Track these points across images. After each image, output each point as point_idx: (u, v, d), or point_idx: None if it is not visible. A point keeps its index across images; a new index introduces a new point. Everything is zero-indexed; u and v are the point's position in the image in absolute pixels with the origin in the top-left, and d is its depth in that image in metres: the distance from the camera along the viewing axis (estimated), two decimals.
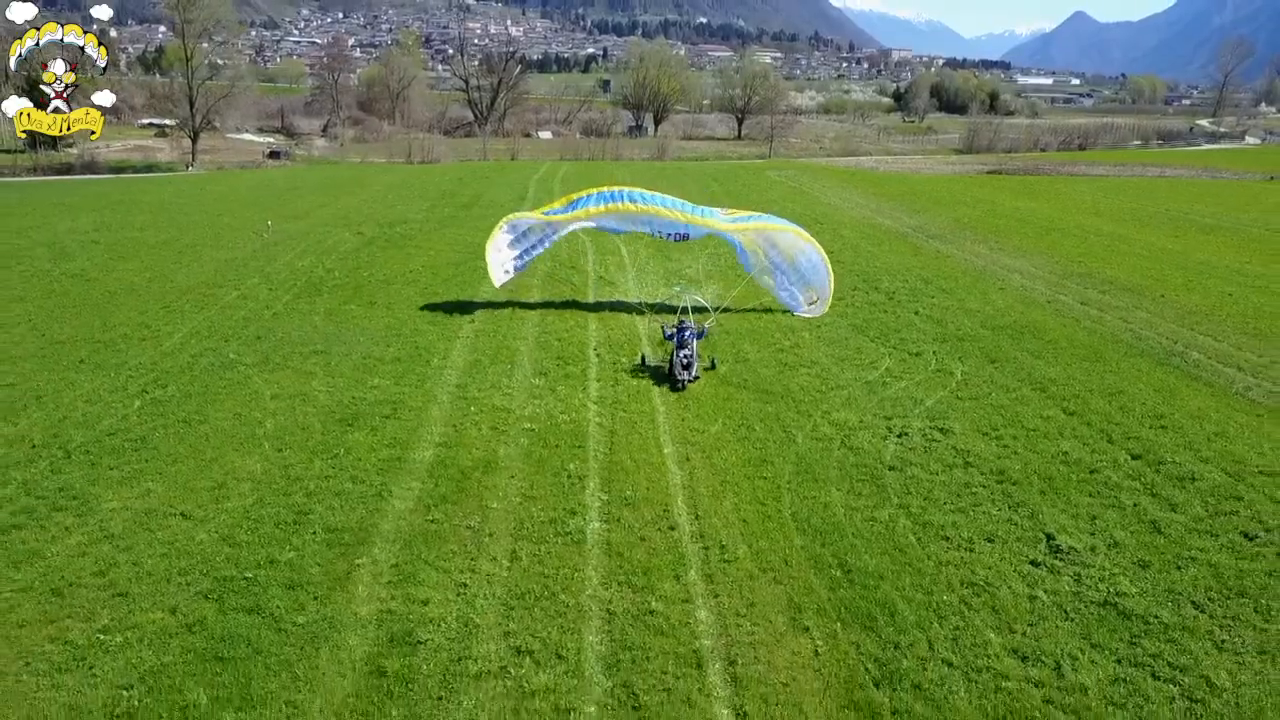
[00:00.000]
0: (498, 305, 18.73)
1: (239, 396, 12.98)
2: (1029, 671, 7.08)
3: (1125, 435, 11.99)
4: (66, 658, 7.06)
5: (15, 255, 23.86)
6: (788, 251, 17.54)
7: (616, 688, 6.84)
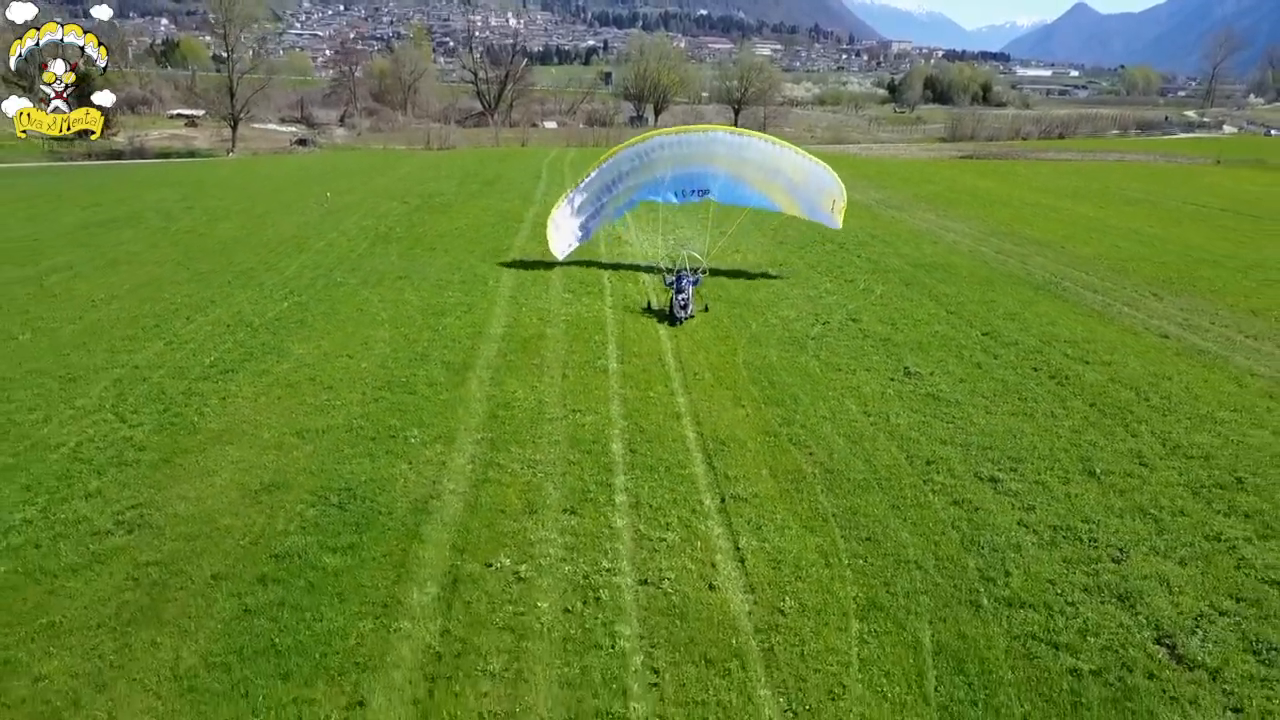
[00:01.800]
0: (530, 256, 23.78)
1: (355, 301, 18.10)
2: (869, 422, 12.14)
3: (984, 323, 17.09)
4: (312, 407, 12.17)
5: (131, 219, 29.05)
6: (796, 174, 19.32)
7: (630, 425, 11.91)
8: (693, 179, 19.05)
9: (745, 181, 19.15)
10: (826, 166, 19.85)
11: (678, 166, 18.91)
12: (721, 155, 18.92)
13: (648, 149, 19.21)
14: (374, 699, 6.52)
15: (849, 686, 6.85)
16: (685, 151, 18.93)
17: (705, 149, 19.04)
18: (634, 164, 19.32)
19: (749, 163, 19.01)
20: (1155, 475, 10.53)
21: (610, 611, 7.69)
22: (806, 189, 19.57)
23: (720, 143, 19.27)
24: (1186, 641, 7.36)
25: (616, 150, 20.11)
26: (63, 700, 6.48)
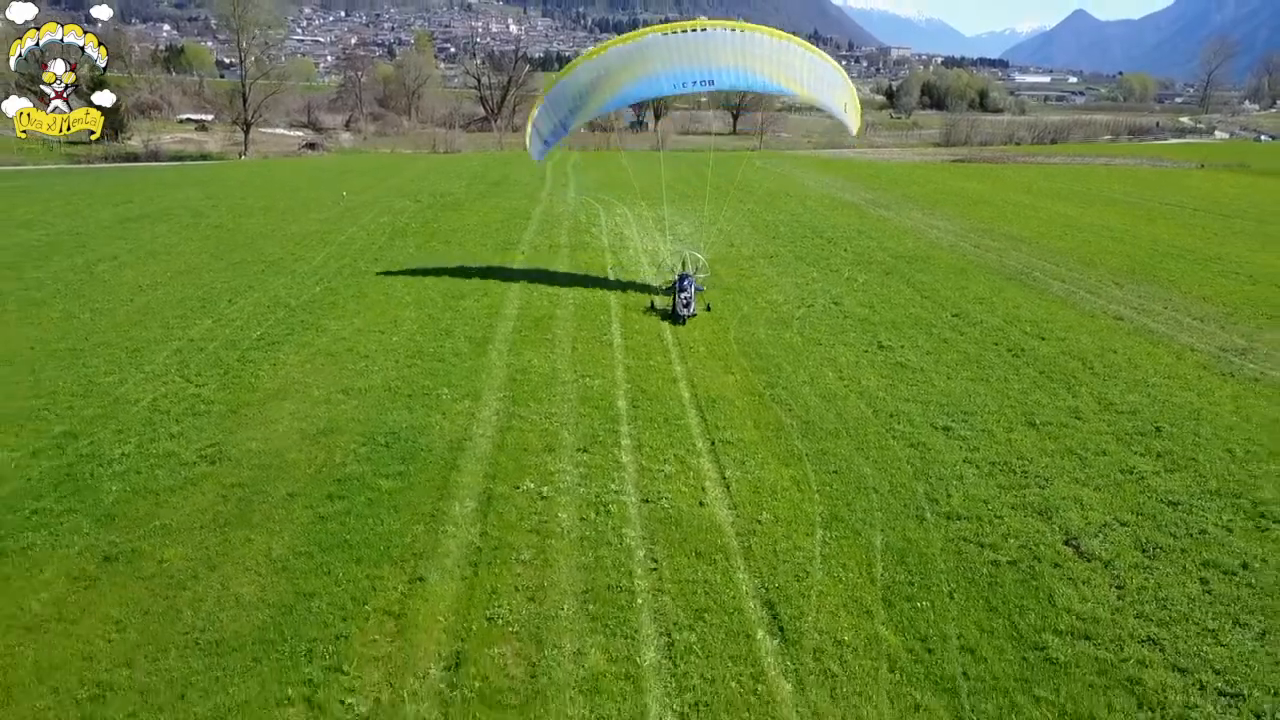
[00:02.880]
0: (539, 249, 25.46)
1: (380, 286, 19.79)
2: (843, 384, 13.79)
3: (954, 306, 18.77)
4: (353, 372, 13.83)
5: (162, 215, 30.78)
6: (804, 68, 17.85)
7: (632, 387, 13.56)
8: (694, 72, 17.18)
9: (753, 71, 17.38)
10: (832, 63, 18.19)
11: (675, 64, 17.12)
12: (725, 52, 17.22)
13: (639, 48, 17.27)
14: (430, 576, 8.18)
15: (811, 573, 8.49)
16: (682, 50, 17.18)
17: (706, 48, 17.28)
18: (624, 61, 17.28)
19: (755, 56, 17.31)
20: (1087, 425, 12.19)
21: (618, 520, 9.34)
22: (819, 85, 18.05)
23: (721, 40, 17.31)
24: (1089, 542, 9.02)
25: (597, 51, 17.85)
26: (184, 575, 8.14)
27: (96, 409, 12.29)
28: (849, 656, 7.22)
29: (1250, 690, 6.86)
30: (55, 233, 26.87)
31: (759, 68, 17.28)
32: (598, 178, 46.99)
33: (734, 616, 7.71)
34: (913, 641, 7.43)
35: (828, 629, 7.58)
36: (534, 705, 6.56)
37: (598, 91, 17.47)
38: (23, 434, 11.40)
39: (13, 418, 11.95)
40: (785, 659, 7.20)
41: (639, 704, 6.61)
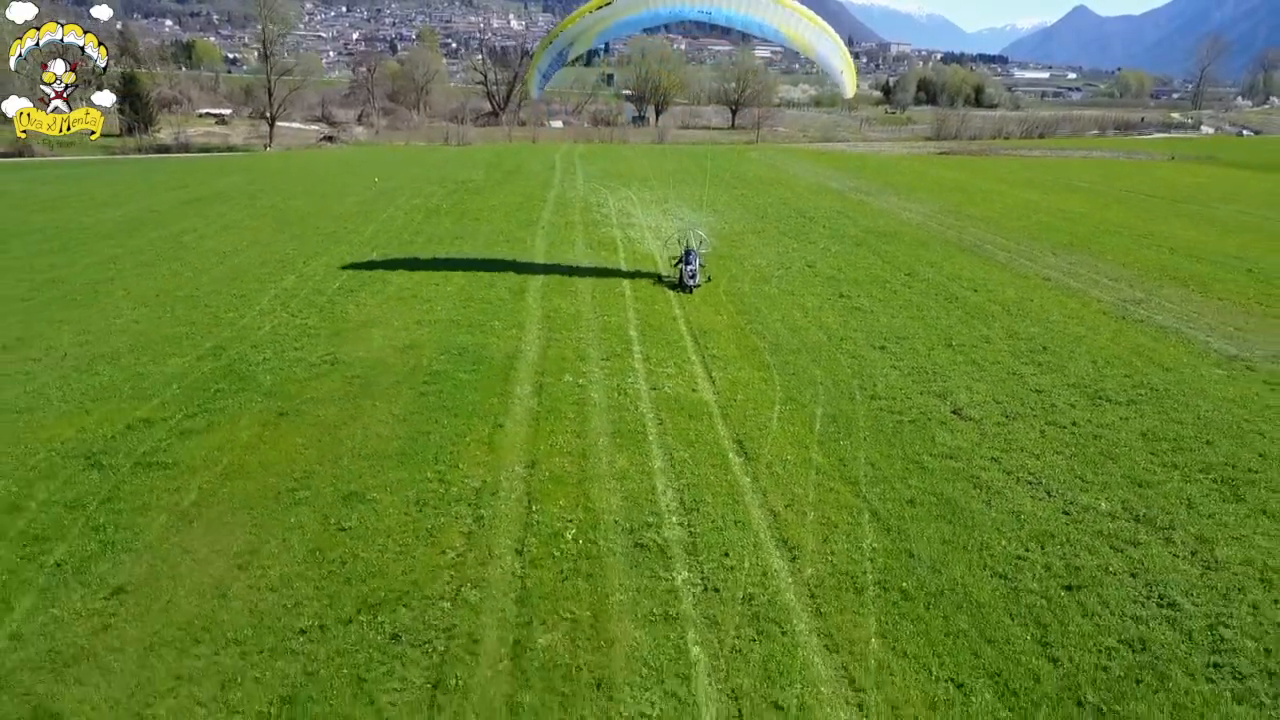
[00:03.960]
0: (556, 226, 29.11)
1: (428, 250, 23.46)
2: (807, 321, 17.45)
3: (908, 268, 22.43)
4: (420, 311, 17.50)
5: (218, 198, 34.48)
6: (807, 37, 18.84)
7: (641, 322, 17.21)
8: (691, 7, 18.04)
9: (752, 14, 18.21)
10: (824, 31, 18.97)
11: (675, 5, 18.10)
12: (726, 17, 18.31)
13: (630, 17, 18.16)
14: (507, 425, 11.85)
15: (769, 427, 12.15)
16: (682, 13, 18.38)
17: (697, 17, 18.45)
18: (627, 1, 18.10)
19: (759, 5, 18.19)
20: (991, 346, 15.87)
21: (633, 398, 13.01)
22: (818, 43, 18.99)
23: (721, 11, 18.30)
24: (968, 411, 12.69)
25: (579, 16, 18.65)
26: (337, 423, 11.82)
27: (230, 334, 15.98)
28: (789, 466, 10.89)
29: (1050, 484, 10.52)
30: (134, 211, 30.56)
31: (759, 13, 18.02)
32: (603, 167, 50.62)
33: (713, 446, 11.40)
34: (834, 460, 11.10)
35: (776, 454, 11.25)
36: (586, 485, 10.22)
37: (598, 24, 18.37)
38: (183, 350, 15.08)
39: (170, 340, 15.63)
40: (747, 467, 10.87)
41: (651, 485, 10.28)
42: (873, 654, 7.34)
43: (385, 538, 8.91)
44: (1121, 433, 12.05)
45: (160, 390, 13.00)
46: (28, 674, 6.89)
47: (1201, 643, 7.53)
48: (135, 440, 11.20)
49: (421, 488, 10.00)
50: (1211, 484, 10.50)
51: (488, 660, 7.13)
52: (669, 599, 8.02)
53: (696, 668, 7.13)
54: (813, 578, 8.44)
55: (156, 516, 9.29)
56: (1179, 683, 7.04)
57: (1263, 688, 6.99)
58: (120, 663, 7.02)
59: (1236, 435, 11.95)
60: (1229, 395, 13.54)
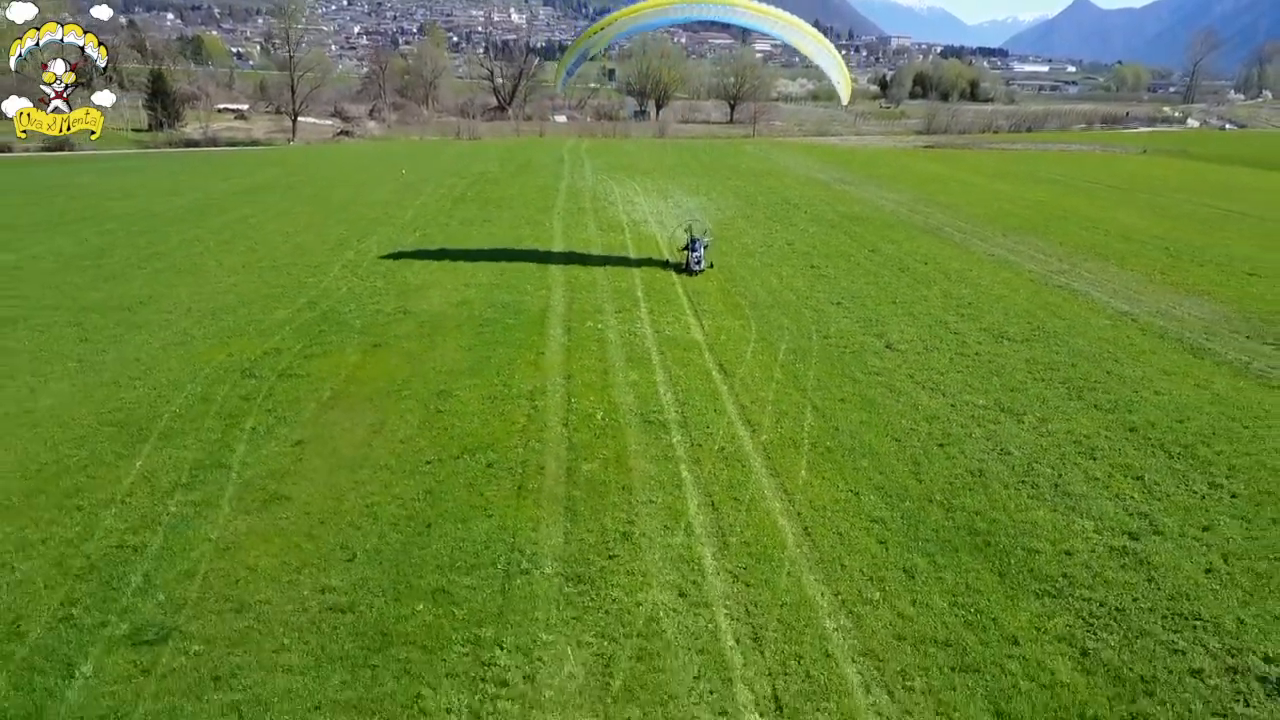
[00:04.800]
0: (572, 210, 32.96)
1: (462, 233, 27.33)
2: (781, 285, 21.32)
3: (873, 245, 26.31)
4: (465, 278, 21.39)
5: (264, 188, 38.38)
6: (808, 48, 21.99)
7: (645, 287, 21.10)
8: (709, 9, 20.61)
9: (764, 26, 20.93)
10: (824, 46, 21.76)
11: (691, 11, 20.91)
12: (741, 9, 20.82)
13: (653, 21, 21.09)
14: (546, 352, 15.76)
15: (744, 356, 16.04)
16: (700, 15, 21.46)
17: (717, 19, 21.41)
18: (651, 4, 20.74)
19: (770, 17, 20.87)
20: (928, 303, 19.76)
21: (640, 338, 16.91)
22: (818, 58, 21.85)
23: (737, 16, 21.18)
24: (897, 345, 16.59)
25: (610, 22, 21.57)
26: (419, 353, 15.72)
27: (315, 293, 19.89)
28: (756, 380, 14.78)
29: (945, 389, 14.41)
30: (196, 199, 34.47)
31: (771, 26, 20.77)
32: (609, 161, 54.45)
33: (701, 368, 15.31)
34: (790, 376, 14.99)
35: (748, 373, 15.14)
36: (608, 389, 14.10)
37: (617, 24, 21.07)
38: (283, 304, 18.99)
39: (269, 297, 19.54)
40: (725, 380, 14.76)
41: (654, 389, 14.16)
42: (801, 478, 11.24)
43: (471, 416, 12.84)
44: (1010, 359, 15.96)
45: (277, 330, 16.93)
46: (259, 480, 10.81)
47: (1018, 471, 11.44)
48: (273, 361, 15.13)
49: (491, 389, 13.92)
50: (1063, 389, 14.42)
51: (551, 477, 11.04)
52: (667, 449, 11.93)
53: (685, 483, 11.03)
54: (767, 440, 12.34)
55: (307, 405, 13.21)
56: (996, 490, 10.95)
57: (1049, 495, 10.88)
58: (315, 476, 10.94)
59: (1097, 361, 15.86)
60: (1105, 337, 17.45)
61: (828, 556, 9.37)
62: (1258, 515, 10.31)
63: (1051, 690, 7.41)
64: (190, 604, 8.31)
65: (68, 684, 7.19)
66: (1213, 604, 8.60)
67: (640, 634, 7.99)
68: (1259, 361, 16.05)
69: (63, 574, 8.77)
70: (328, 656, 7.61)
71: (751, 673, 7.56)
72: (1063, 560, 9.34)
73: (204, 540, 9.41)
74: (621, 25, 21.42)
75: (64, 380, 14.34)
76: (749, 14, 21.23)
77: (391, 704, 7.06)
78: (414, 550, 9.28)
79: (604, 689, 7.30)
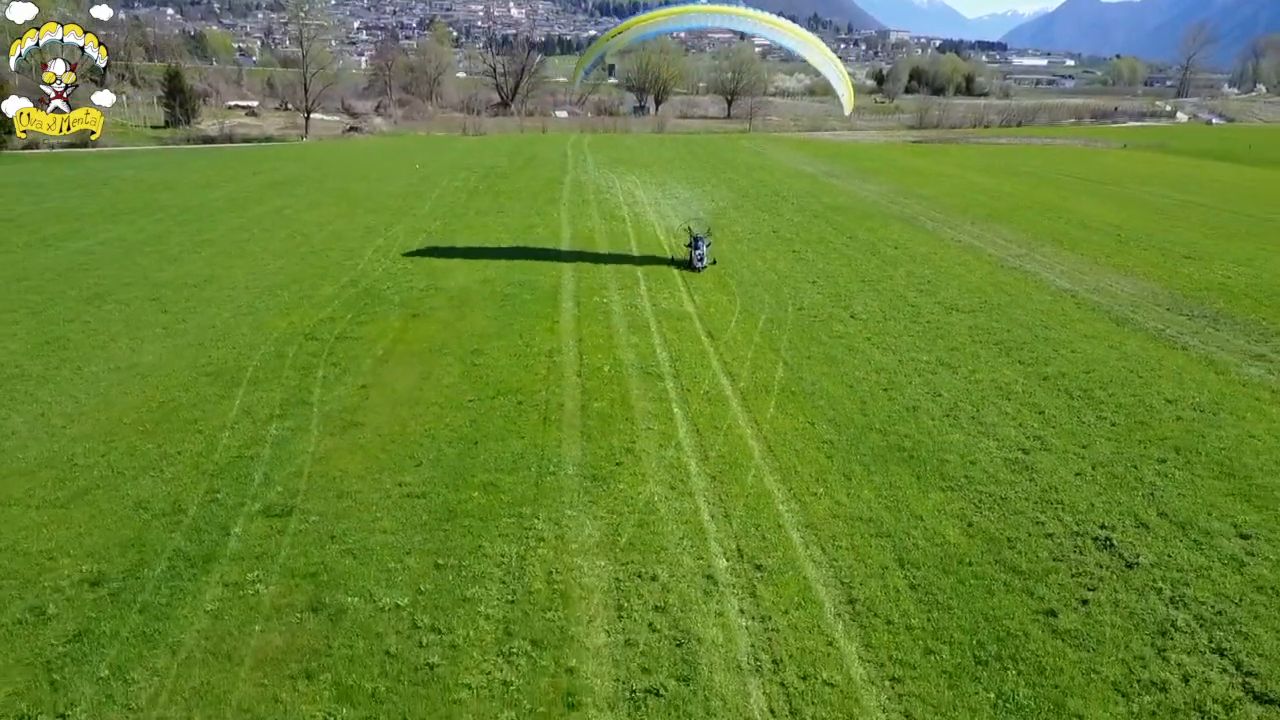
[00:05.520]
0: (576, 202, 35.66)
1: (479, 224, 30.04)
2: (765, 268, 24.05)
3: (850, 234, 29.03)
4: (484, 262, 24.12)
5: (292, 182, 41.09)
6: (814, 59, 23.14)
7: (645, 270, 23.83)
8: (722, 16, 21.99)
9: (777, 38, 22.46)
10: (831, 61, 23.07)
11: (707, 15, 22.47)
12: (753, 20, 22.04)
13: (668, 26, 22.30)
14: (560, 320, 18.52)
15: (729, 326, 18.77)
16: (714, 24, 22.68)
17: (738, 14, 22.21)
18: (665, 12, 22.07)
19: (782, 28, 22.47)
20: (892, 281, 22.50)
21: (640, 310, 19.64)
22: (823, 69, 23.33)
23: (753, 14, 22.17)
24: (860, 315, 19.34)
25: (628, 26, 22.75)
26: (452, 319, 18.47)
27: (354, 274, 22.62)
28: (738, 343, 17.52)
29: (896, 349, 17.14)
30: (231, 192, 37.19)
31: (780, 36, 22.39)
32: (610, 156, 57.14)
33: (692, 333, 18.05)
34: (767, 339, 17.73)
35: (731, 337, 17.88)
36: (613, 349, 16.85)
37: (633, 29, 22.49)
38: (328, 282, 21.72)
39: (314, 277, 22.27)
40: (712, 343, 17.49)
41: (652, 349, 16.89)
42: (769, 413, 13.99)
43: (501, 368, 15.59)
44: (957, 326, 18.72)
45: (328, 304, 19.69)
46: (337, 413, 13.57)
47: (945, 407, 14.20)
48: (329, 328, 17.89)
49: (515, 348, 16.68)
50: (996, 349, 17.19)
51: (569, 412, 13.80)
52: (662, 392, 14.68)
53: (675, 416, 13.78)
54: (743, 387, 15.10)
55: (364, 360, 15.97)
56: (925, 420, 13.71)
57: (966, 424, 13.62)
58: (381, 410, 13.69)
59: (1030, 328, 18.62)
60: (1043, 309, 20.20)
61: (785, 465, 12.14)
62: (1128, 438, 13.09)
63: (941, 547, 10.17)
64: (302, 493, 11.08)
65: (227, 538, 9.96)
66: (1074, 494, 11.37)
67: (640, 511, 10.75)
68: (1172, 329, 18.82)
69: (201, 474, 11.54)
70: (410, 524, 10.38)
71: (722, 535, 10.32)
72: (967, 467, 12.11)
73: (303, 453, 12.18)
74: (637, 30, 22.69)
75: (156, 343, 17.09)
76: (761, 25, 22.42)
77: (460, 552, 9.81)
78: (466, 459, 12.05)
79: (613, 544, 10.06)
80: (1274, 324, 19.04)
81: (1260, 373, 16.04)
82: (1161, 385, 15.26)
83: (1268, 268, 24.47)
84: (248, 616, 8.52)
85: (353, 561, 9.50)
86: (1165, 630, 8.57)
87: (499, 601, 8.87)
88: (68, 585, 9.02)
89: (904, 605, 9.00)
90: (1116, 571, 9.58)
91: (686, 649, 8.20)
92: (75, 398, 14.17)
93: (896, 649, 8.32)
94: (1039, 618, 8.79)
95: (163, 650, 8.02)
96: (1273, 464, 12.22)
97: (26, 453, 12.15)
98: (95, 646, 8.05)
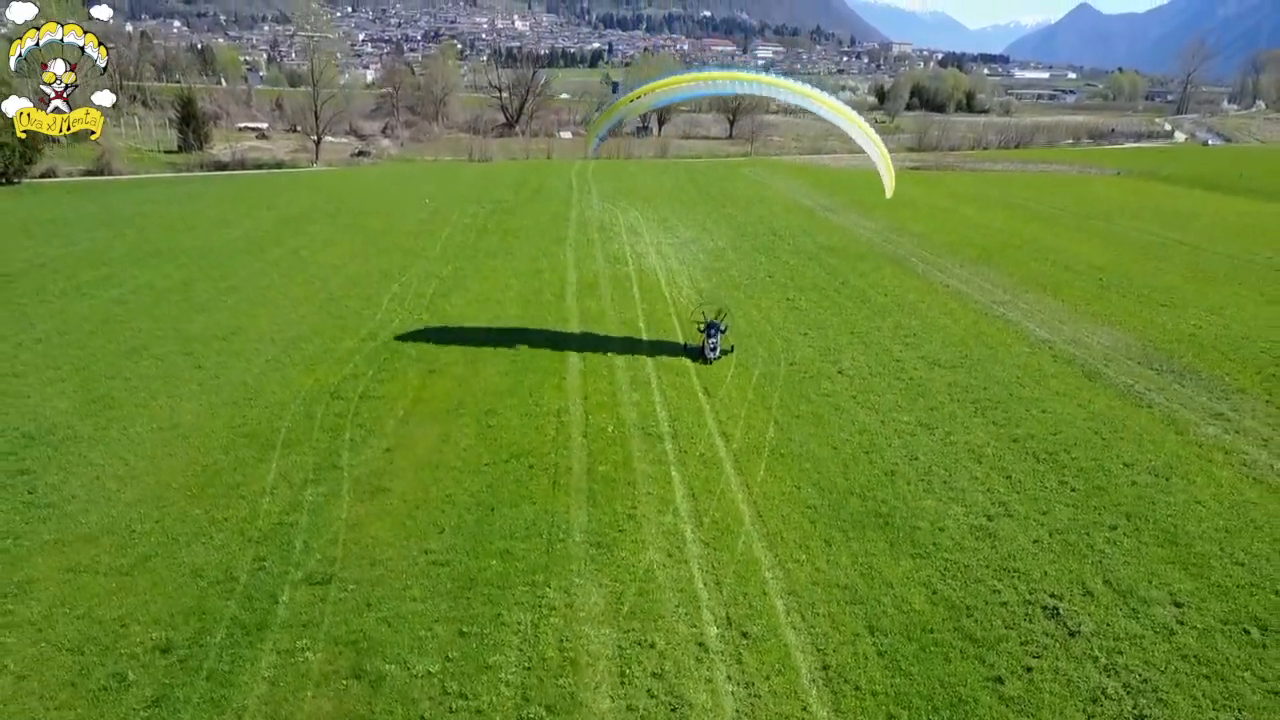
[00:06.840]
0: (582, 241, 37.08)
1: (489, 266, 31.43)
2: (760, 317, 25.34)
3: (843, 278, 30.37)
4: (498, 303, 25.52)
5: (306, 217, 42.56)
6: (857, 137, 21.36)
7: (647, 317, 25.20)
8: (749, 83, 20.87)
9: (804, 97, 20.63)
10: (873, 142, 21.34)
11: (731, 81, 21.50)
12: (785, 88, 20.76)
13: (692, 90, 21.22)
14: (567, 377, 19.86)
15: (725, 381, 20.09)
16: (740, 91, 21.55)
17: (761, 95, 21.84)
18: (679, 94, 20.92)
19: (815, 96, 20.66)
20: (880, 333, 23.82)
21: (641, 364, 20.98)
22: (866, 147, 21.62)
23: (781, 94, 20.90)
24: (848, 370, 20.65)
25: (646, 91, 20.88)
26: (465, 376, 19.80)
27: (373, 325, 23.97)
28: (733, 400, 18.83)
29: (879, 408, 18.45)
30: (247, 230, 38.68)
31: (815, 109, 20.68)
32: (614, 187, 58.67)
33: (690, 390, 19.37)
34: (760, 396, 19.05)
35: (726, 394, 19.21)
36: (616, 407, 18.16)
37: (654, 94, 20.71)
38: (348, 335, 23.07)
39: (335, 328, 23.62)
40: (708, 400, 18.80)
41: (652, 408, 18.19)
42: (759, 476, 15.30)
43: (513, 429, 16.94)
44: (937, 384, 20.04)
45: (349, 359, 21.06)
46: (365, 477, 14.90)
47: (920, 471, 15.50)
48: (352, 385, 19.26)
49: (526, 407, 18.04)
50: (972, 408, 18.50)
51: (576, 475, 15.13)
52: (661, 454, 16.01)
53: (673, 480, 15.10)
54: (736, 448, 16.42)
55: (387, 421, 17.33)
56: (901, 485, 15.00)
57: (938, 489, 14.92)
58: (405, 474, 15.03)
59: (1005, 385, 19.94)
60: (1020, 364, 21.53)
61: (772, 531, 13.45)
62: (1085, 504, 14.39)
63: (908, 615, 11.46)
64: (339, 560, 12.41)
65: (276, 606, 11.28)
66: (1030, 562, 12.66)
67: (640, 580, 12.06)
68: (1140, 384, 20.14)
69: (247, 540, 12.88)
70: (436, 592, 11.69)
71: (713, 603, 11.62)
72: (936, 534, 13.41)
73: (337, 519, 13.51)
74: (657, 96, 20.92)
75: (191, 400, 18.46)
76: (797, 95, 20.68)
77: (481, 620, 11.12)
78: (484, 526, 13.38)
79: (617, 611, 11.36)
80: (1235, 380, 20.36)
81: (1217, 432, 17.35)
82: (1122, 448, 16.56)
83: (1238, 317, 25.79)
84: (300, 683, 9.83)
85: (388, 630, 10.82)
86: (1096, 698, 9.86)
87: (517, 668, 10.18)
88: (141, 651, 10.35)
89: (870, 671, 10.30)
90: (1060, 640, 10.87)
91: (680, 714, 9.50)
92: (125, 460, 15.53)
93: (863, 713, 9.62)
94: (988, 684, 10.09)
95: (229, 715, 9.34)
96: (1212, 530, 13.52)
97: (88, 518, 13.50)
98: (172, 711, 9.37)
